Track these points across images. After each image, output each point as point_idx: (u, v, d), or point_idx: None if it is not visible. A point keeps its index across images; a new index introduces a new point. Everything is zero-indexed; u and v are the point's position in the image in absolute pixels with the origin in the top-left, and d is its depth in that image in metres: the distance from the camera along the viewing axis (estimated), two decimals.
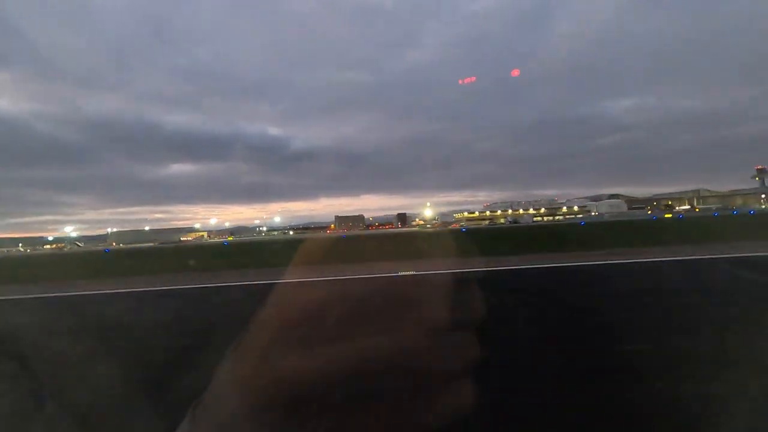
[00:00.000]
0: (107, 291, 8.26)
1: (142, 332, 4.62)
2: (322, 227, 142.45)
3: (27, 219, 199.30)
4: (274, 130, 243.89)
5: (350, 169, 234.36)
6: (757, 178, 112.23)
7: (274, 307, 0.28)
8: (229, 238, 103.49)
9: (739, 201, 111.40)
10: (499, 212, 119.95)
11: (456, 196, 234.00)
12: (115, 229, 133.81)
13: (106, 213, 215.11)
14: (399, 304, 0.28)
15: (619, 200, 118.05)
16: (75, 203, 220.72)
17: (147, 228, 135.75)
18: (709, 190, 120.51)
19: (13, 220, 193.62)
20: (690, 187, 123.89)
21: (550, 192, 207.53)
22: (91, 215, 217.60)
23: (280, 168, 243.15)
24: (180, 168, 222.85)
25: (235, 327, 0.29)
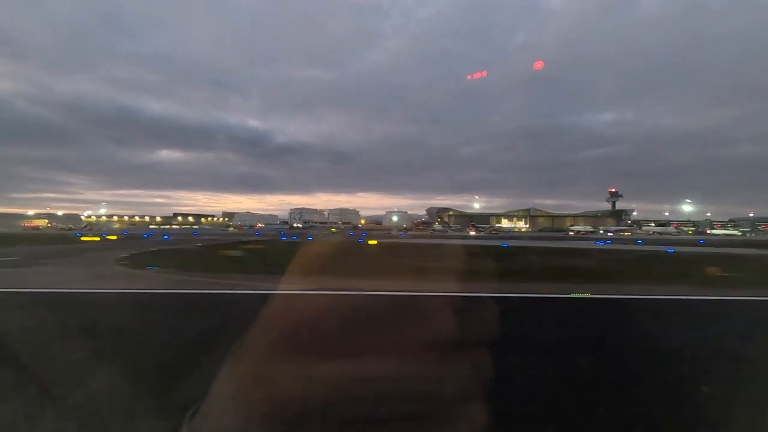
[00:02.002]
0: None
1: None
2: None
3: (28, 195, 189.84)
4: (254, 123, 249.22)
5: (338, 167, 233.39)
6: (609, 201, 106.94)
7: None
8: None
9: (568, 222, 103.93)
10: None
11: (456, 200, 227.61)
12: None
13: (107, 194, 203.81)
14: None
15: (405, 213, 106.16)
16: (74, 183, 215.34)
17: None
18: (540, 210, 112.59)
19: (15, 195, 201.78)
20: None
21: (550, 202, 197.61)
22: (91, 195, 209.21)
23: (267, 161, 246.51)
24: (170, 155, 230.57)
25: None
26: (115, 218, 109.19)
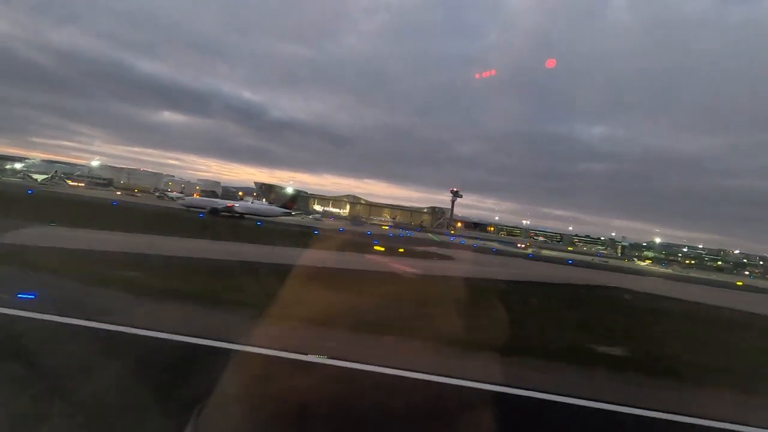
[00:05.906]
0: None
1: None
2: None
3: (47, 141, 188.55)
4: (247, 94, 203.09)
5: (336, 149, 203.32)
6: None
7: None
8: None
9: (385, 212, 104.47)
10: None
11: (465, 199, 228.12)
12: None
13: (120, 149, 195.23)
14: None
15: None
16: (86, 134, 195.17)
17: None
18: (359, 198, 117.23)
19: (36, 139, 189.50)
20: None
21: (558, 212, 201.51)
22: (106, 149, 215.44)
23: (267, 135, 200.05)
24: (172, 117, 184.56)
25: None
26: None
